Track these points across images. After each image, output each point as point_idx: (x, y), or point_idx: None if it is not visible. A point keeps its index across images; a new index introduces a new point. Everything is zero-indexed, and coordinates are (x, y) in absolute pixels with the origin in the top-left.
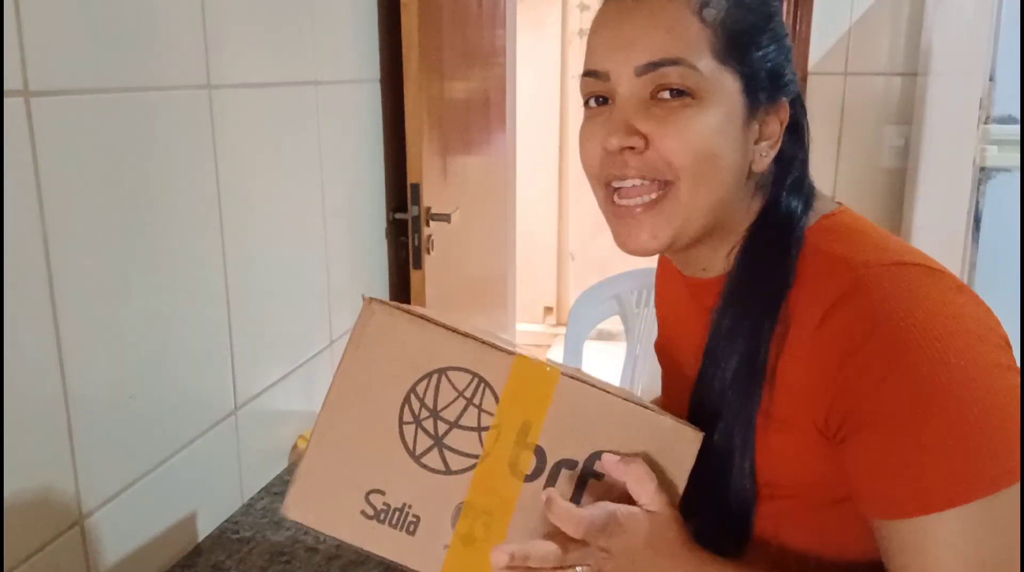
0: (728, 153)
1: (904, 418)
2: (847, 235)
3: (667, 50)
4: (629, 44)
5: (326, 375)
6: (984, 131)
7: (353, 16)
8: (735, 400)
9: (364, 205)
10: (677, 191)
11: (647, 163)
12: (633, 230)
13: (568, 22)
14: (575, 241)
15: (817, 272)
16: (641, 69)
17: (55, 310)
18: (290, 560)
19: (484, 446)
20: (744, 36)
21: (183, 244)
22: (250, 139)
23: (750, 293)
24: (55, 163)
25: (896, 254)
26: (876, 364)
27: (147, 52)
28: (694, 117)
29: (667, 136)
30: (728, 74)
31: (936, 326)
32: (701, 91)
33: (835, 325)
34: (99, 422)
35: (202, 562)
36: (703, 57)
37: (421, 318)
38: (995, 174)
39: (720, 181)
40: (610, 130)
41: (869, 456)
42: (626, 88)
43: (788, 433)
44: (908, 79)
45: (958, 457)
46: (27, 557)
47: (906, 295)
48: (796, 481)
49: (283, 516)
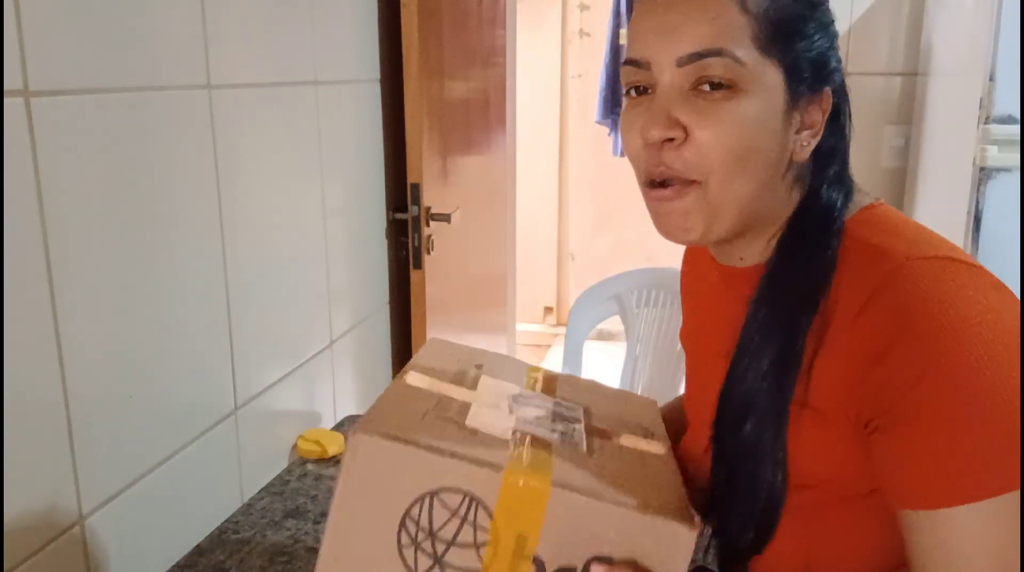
0: (766, 146)
1: (938, 416)
2: (887, 227)
3: (711, 41)
4: (672, 33)
5: (326, 375)
6: (984, 131)
7: (353, 16)
8: (769, 391)
9: (364, 205)
10: (707, 186)
11: (682, 160)
12: (667, 222)
13: (568, 22)
14: (575, 241)
15: (857, 263)
16: (684, 59)
17: (55, 310)
18: (290, 560)
19: (483, 561)
20: (788, 25)
21: (183, 244)
22: (250, 139)
23: (789, 284)
24: (55, 163)
25: (935, 248)
26: (912, 361)
27: (147, 52)
28: (735, 110)
29: (706, 128)
30: (771, 65)
31: (972, 324)
32: (743, 83)
33: (872, 318)
34: (99, 422)
35: (202, 562)
36: (746, 48)
37: (407, 442)
38: (995, 174)
39: (755, 175)
40: (651, 121)
41: (902, 449)
42: (668, 78)
43: (821, 425)
44: (908, 79)
45: (990, 451)
46: (27, 557)
47: (944, 290)
48: (827, 473)
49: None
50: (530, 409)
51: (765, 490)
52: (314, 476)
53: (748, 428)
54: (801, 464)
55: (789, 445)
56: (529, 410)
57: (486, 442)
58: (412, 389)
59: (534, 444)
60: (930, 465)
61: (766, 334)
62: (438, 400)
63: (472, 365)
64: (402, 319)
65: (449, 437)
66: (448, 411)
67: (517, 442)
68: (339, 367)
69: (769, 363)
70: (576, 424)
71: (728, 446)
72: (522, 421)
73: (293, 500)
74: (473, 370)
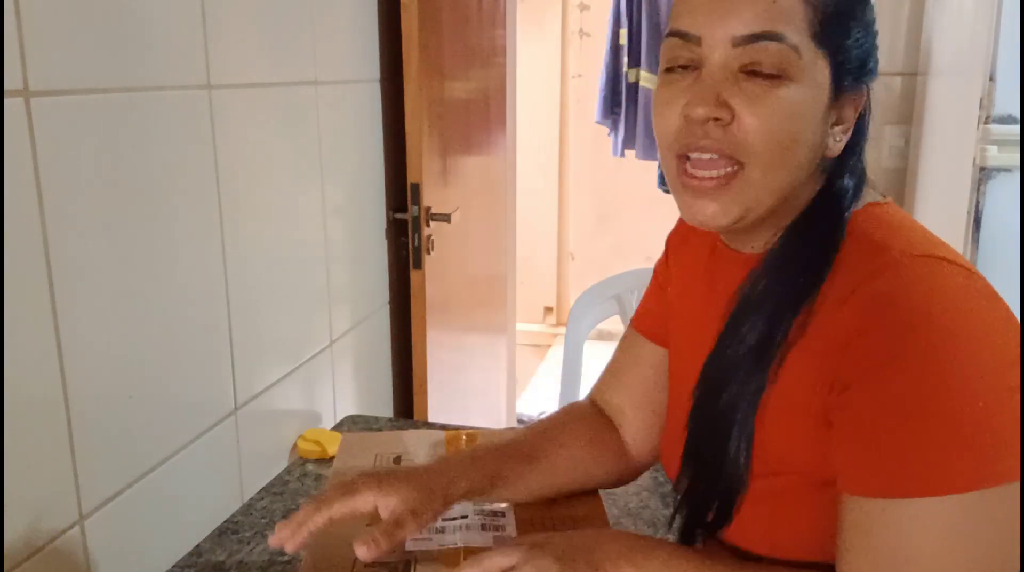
0: (808, 137)
1: (898, 406)
2: (891, 224)
3: (770, 23)
4: (730, 9)
5: (326, 375)
6: (984, 131)
7: (353, 16)
8: (749, 365)
9: (364, 205)
10: (749, 172)
11: (728, 138)
12: (702, 204)
13: (568, 22)
14: (575, 241)
15: (855, 256)
16: (740, 39)
17: (55, 310)
18: (290, 560)
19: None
20: (841, 19)
21: (183, 244)
22: (250, 139)
23: (790, 266)
24: (55, 163)
25: (934, 248)
26: (880, 348)
27: (147, 52)
28: (784, 99)
29: (755, 115)
30: (821, 58)
31: (951, 323)
32: (794, 72)
33: (852, 307)
34: (99, 422)
35: (202, 562)
36: (802, 35)
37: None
38: (995, 174)
39: (796, 165)
40: (697, 98)
41: (858, 434)
42: (720, 57)
43: (792, 414)
44: (908, 79)
45: (945, 450)
46: (27, 557)
47: (930, 286)
48: (796, 461)
49: None
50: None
51: (730, 465)
52: (314, 476)
53: (725, 398)
54: (770, 451)
55: (759, 432)
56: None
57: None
58: (336, 532)
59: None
60: (883, 456)
61: (758, 310)
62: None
63: (390, 462)
64: (402, 319)
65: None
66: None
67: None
68: (339, 367)
69: (755, 338)
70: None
71: (704, 416)
72: (451, 532)
73: (293, 500)
74: (392, 468)
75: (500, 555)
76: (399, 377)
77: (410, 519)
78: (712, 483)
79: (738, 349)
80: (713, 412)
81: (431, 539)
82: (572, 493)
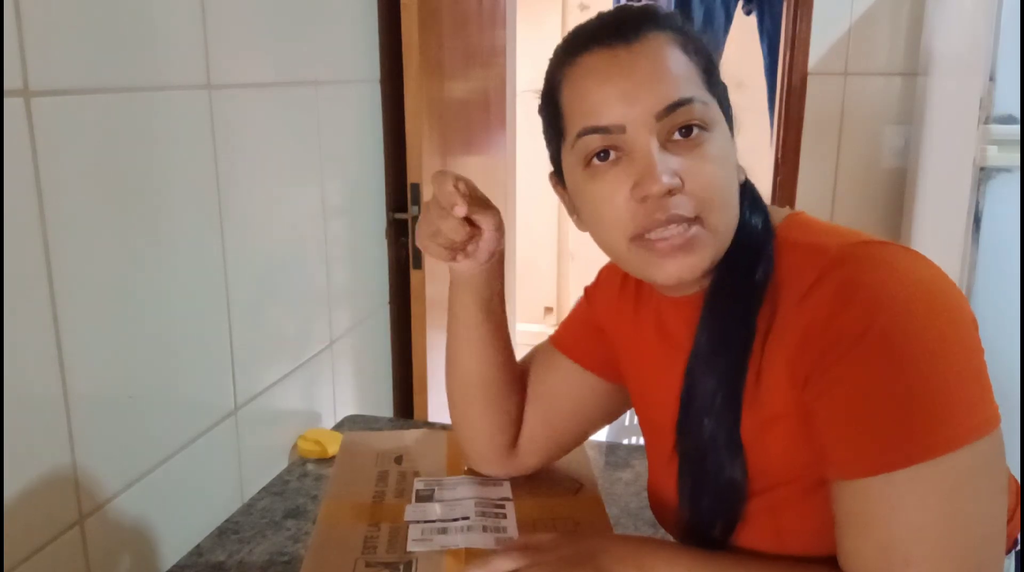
0: (734, 174)
1: (876, 381)
2: (816, 227)
3: (679, 90)
4: (641, 93)
5: (326, 375)
6: (984, 131)
7: (353, 16)
8: (724, 390)
9: (364, 205)
10: (709, 220)
11: (686, 202)
12: (677, 260)
13: (568, 22)
14: (575, 241)
15: (795, 261)
16: (662, 113)
17: (55, 310)
18: (290, 560)
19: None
20: (711, 65)
21: (183, 244)
22: (250, 139)
23: (734, 288)
24: (55, 163)
25: (865, 237)
26: (853, 327)
27: (147, 52)
28: (713, 146)
29: (701, 171)
30: (715, 104)
31: (913, 295)
32: (708, 122)
33: (817, 296)
34: (99, 422)
35: (202, 562)
36: (702, 90)
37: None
38: (995, 174)
39: (736, 204)
40: (647, 178)
41: (842, 416)
42: (646, 134)
43: (778, 426)
44: (908, 79)
45: (927, 414)
46: (27, 557)
47: (883, 266)
48: (791, 472)
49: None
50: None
51: (727, 482)
52: (314, 476)
53: (707, 425)
54: (765, 467)
55: (752, 453)
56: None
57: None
58: (337, 533)
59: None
60: (859, 434)
61: (718, 339)
62: (363, 540)
63: (391, 461)
64: (402, 319)
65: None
66: (376, 553)
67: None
68: (339, 367)
69: (724, 364)
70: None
71: (692, 446)
72: (453, 532)
73: (293, 500)
74: (394, 468)
75: (506, 558)
76: (399, 377)
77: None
78: (714, 502)
79: (713, 377)
80: (700, 439)
81: (432, 540)
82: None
